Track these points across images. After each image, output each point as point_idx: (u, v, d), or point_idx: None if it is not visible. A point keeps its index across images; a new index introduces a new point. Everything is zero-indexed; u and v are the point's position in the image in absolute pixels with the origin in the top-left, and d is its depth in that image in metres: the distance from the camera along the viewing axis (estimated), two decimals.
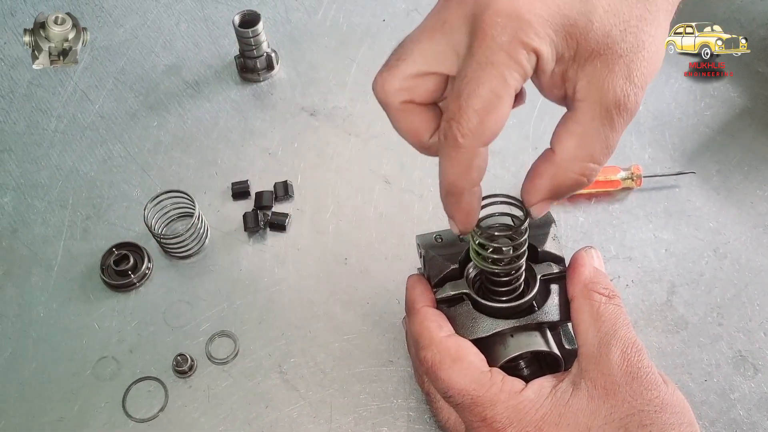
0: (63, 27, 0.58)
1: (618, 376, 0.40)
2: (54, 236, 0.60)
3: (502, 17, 0.32)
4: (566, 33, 0.33)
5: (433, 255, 0.46)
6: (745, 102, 0.67)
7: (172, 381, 0.54)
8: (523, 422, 0.40)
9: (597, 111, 0.35)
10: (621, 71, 0.34)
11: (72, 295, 0.58)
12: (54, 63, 0.57)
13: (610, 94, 0.34)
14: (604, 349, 0.40)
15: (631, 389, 0.39)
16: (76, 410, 0.53)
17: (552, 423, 0.39)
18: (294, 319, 0.56)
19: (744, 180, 0.63)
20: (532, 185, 0.38)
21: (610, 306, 0.42)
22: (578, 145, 0.36)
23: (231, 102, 0.68)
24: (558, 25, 0.33)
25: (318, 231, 0.61)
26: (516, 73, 0.33)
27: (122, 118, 0.67)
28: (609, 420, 0.39)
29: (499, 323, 0.44)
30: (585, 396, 0.40)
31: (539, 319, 0.44)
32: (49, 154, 0.65)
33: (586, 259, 0.45)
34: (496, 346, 0.44)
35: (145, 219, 0.56)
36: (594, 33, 0.33)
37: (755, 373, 0.53)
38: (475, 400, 0.40)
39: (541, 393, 0.41)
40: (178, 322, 0.56)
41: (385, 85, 0.36)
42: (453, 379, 0.41)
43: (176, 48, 0.72)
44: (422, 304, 0.45)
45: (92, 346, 0.55)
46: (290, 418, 0.52)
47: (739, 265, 0.58)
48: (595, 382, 0.40)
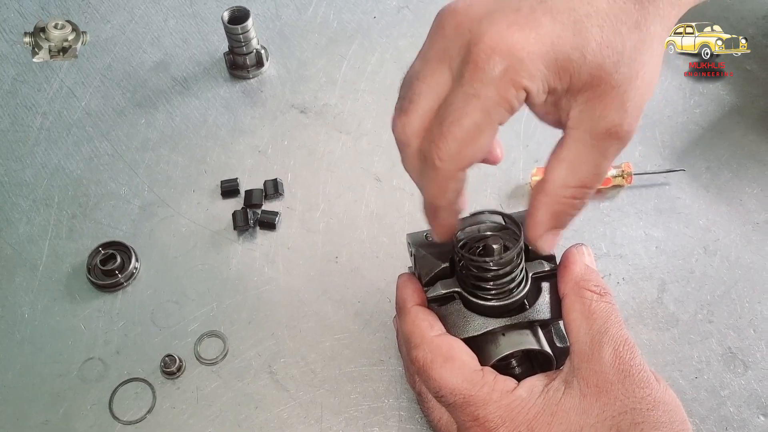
0: (63, 31, 0.62)
1: (610, 374, 0.39)
2: (39, 235, 0.59)
3: (496, 52, 0.32)
4: (559, 68, 0.33)
5: (423, 253, 0.46)
6: (735, 100, 0.67)
7: (160, 382, 0.53)
8: (516, 421, 0.39)
9: (588, 139, 0.35)
10: (614, 101, 0.34)
11: (57, 295, 0.57)
12: (54, 57, 0.60)
13: (602, 123, 0.35)
14: (596, 347, 0.40)
15: (623, 387, 0.39)
16: (61, 413, 0.52)
17: (544, 422, 0.39)
18: (284, 318, 0.56)
19: (733, 177, 0.63)
20: (532, 220, 0.39)
21: (601, 304, 0.42)
22: (568, 172, 0.36)
23: (220, 99, 0.68)
24: (551, 60, 0.33)
25: (308, 229, 0.60)
26: (502, 108, 0.33)
27: (109, 115, 0.66)
28: (601, 418, 0.39)
29: (490, 322, 0.43)
30: (577, 394, 0.40)
31: (531, 317, 0.44)
32: (34, 151, 0.64)
33: (577, 257, 0.45)
34: (488, 345, 0.44)
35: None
36: (587, 66, 0.33)
37: (745, 369, 0.53)
38: (467, 399, 0.40)
39: (533, 392, 0.41)
40: (165, 323, 0.56)
41: (406, 128, 0.36)
42: (445, 378, 0.41)
43: (164, 44, 0.71)
44: (413, 303, 0.44)
45: (78, 347, 0.54)
46: (280, 419, 0.52)
47: (728, 262, 0.58)
48: (588, 381, 0.40)
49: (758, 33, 0.72)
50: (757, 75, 0.68)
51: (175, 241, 0.59)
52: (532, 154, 0.64)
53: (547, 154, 0.65)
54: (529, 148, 0.64)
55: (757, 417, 0.51)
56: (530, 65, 0.32)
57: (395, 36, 0.72)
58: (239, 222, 0.59)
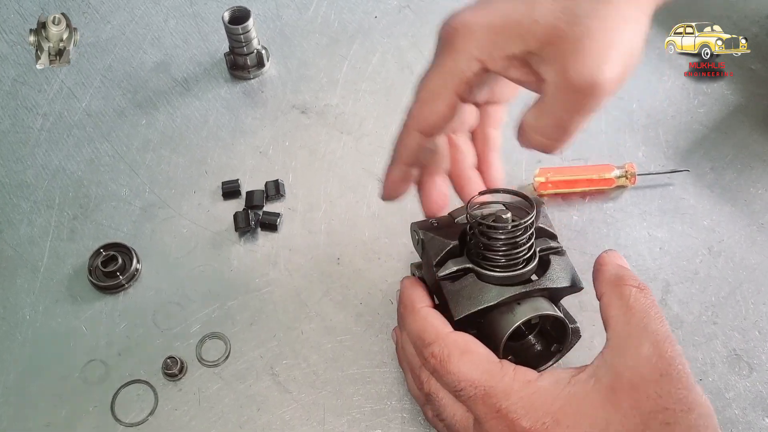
0: (59, 27, 0.64)
1: (646, 370, 0.38)
2: (40, 237, 0.59)
3: (451, 28, 0.39)
4: (510, 33, 0.37)
5: (432, 236, 0.46)
6: (738, 99, 0.67)
7: (161, 384, 0.53)
8: (539, 412, 0.38)
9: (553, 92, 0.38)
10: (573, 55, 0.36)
11: (59, 297, 0.56)
12: (52, 63, 0.63)
13: (563, 76, 0.36)
14: (633, 341, 0.39)
15: (659, 385, 0.37)
16: (63, 415, 0.52)
17: (569, 413, 0.38)
18: (286, 320, 0.55)
19: (738, 177, 0.62)
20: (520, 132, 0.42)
21: (641, 298, 0.40)
22: (535, 120, 0.39)
23: (221, 100, 0.67)
24: (500, 27, 0.38)
25: (310, 230, 0.60)
26: (456, 76, 0.39)
27: (110, 116, 0.66)
28: (630, 415, 0.37)
29: (505, 290, 0.43)
30: (607, 389, 0.38)
31: (545, 285, 0.44)
32: (35, 153, 0.64)
33: (610, 258, 0.44)
34: (505, 315, 0.44)
35: None
36: (540, 27, 0.37)
37: (750, 371, 0.53)
38: (488, 391, 0.39)
39: (558, 383, 0.39)
40: (167, 324, 0.55)
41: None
42: (464, 371, 0.40)
43: (165, 45, 0.71)
44: (423, 304, 0.44)
45: (80, 349, 0.54)
46: (282, 420, 0.51)
47: (733, 263, 0.58)
48: (620, 375, 0.38)
49: (762, 32, 0.71)
50: (760, 74, 0.68)
51: (177, 242, 0.59)
52: (535, 155, 0.63)
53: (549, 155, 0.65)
54: None
55: (763, 419, 0.51)
56: (479, 34, 0.38)
57: (396, 36, 0.71)
58: (240, 223, 0.59)
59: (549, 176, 0.61)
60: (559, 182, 0.61)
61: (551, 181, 0.61)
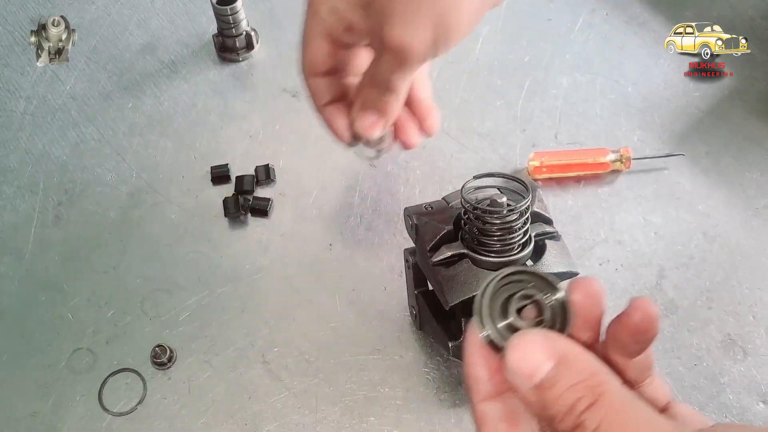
0: (58, 28, 0.65)
1: None
2: (24, 223, 0.58)
3: None
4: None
5: (426, 221, 0.46)
6: (734, 83, 0.66)
7: (150, 373, 0.52)
8: None
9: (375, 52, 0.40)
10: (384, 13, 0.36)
11: (44, 284, 0.55)
12: (52, 61, 0.65)
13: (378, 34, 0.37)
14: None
15: None
16: (50, 404, 0.51)
17: None
18: (277, 307, 0.55)
19: (733, 162, 0.62)
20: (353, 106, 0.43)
21: None
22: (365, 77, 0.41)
23: (209, 83, 0.66)
24: None
25: (301, 216, 0.59)
26: (319, 25, 0.41)
27: (95, 99, 0.65)
28: None
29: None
30: None
31: (539, 270, 0.43)
32: (18, 137, 0.62)
33: None
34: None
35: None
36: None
37: (744, 356, 0.53)
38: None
39: None
40: (156, 312, 0.54)
41: None
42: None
43: (151, 26, 0.69)
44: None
45: (66, 337, 0.53)
46: (274, 409, 0.51)
47: (728, 248, 0.57)
48: None
49: (757, 14, 0.70)
50: (756, 58, 0.67)
51: (165, 228, 0.58)
52: (529, 139, 0.63)
53: (544, 139, 0.64)
54: (526, 132, 0.63)
55: (757, 404, 0.51)
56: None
57: None
58: (230, 209, 0.58)
59: (544, 160, 0.60)
60: (554, 166, 0.60)
61: (546, 165, 0.60)
